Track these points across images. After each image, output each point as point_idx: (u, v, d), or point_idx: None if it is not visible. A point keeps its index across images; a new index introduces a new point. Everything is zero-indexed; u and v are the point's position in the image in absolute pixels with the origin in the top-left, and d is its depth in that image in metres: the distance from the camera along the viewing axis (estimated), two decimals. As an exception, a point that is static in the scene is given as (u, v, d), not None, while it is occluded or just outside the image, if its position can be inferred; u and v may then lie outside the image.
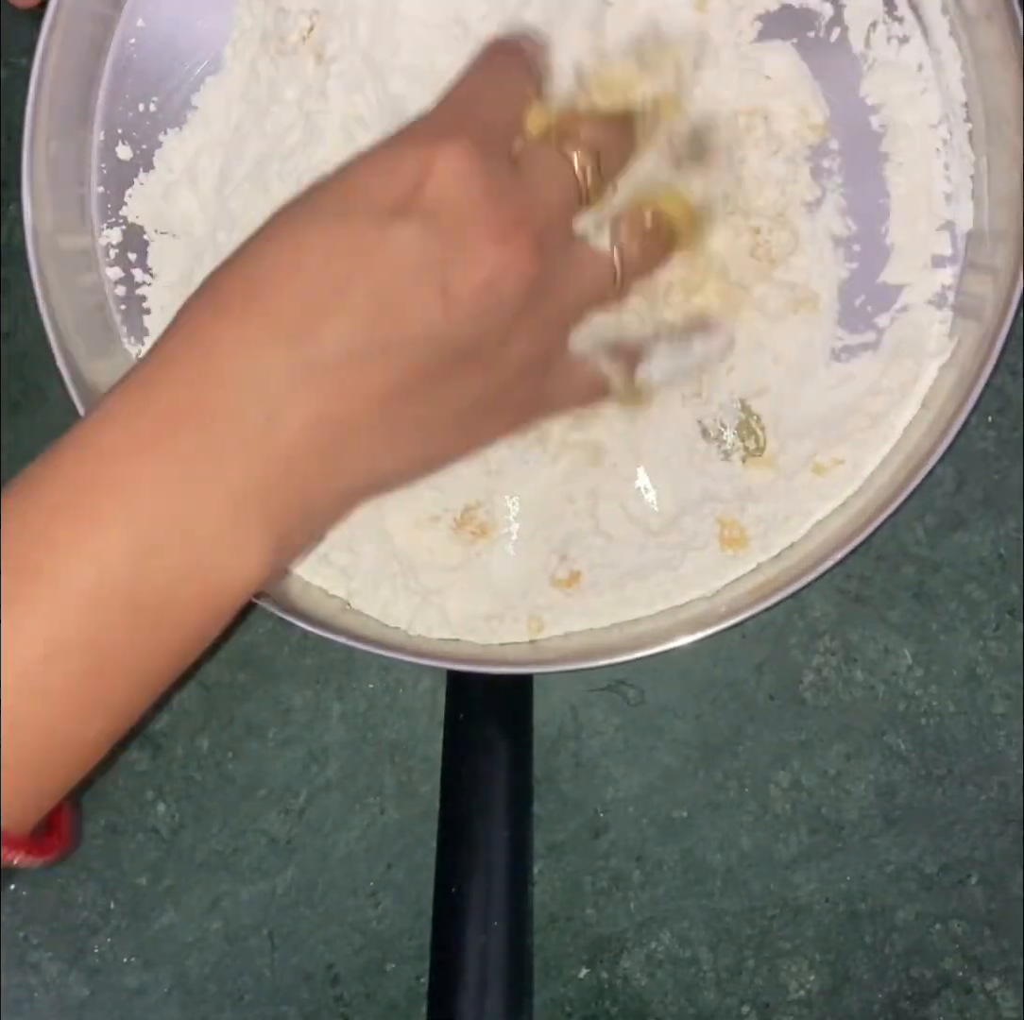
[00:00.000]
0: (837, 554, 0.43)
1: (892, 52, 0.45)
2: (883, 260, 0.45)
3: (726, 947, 0.50)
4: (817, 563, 0.43)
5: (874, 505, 0.44)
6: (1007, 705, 0.49)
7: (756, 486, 0.45)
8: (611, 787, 0.50)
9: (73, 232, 0.46)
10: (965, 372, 0.44)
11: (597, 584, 0.45)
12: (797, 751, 0.50)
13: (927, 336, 0.45)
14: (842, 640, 0.50)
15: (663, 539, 0.45)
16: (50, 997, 0.50)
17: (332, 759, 0.50)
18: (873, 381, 0.45)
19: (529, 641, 0.46)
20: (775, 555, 0.45)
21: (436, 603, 0.45)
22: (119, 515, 0.33)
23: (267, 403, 0.34)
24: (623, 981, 0.50)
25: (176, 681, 0.36)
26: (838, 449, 0.45)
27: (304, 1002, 0.50)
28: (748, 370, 0.45)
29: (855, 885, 0.49)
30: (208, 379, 0.34)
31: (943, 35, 0.45)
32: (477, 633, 0.46)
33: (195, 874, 0.50)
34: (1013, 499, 0.49)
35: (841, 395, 0.45)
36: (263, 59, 0.45)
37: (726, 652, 0.50)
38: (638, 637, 0.45)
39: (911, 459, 0.44)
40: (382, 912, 0.50)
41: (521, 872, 0.46)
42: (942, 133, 0.45)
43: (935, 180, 0.45)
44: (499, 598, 0.46)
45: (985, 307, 0.44)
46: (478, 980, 0.43)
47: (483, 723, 0.47)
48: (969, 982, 0.49)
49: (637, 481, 0.45)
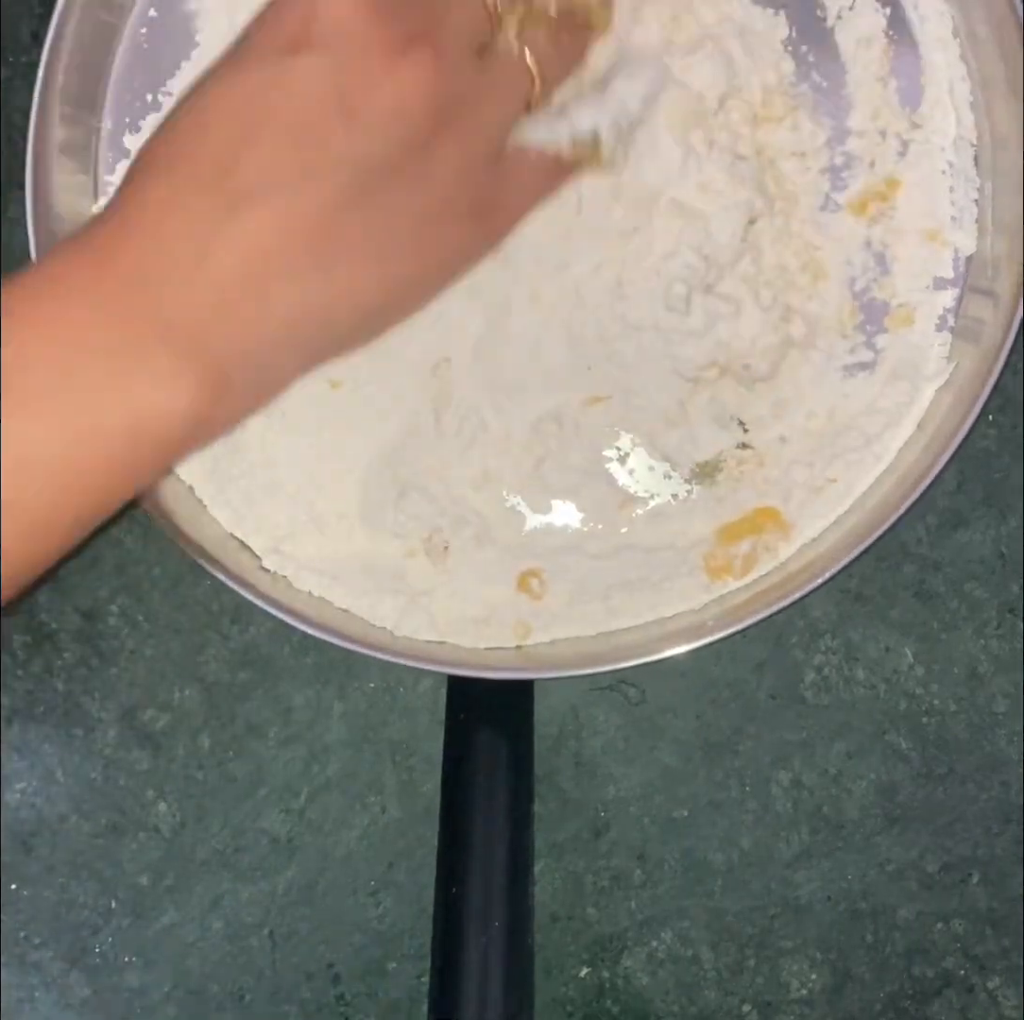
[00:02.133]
0: (825, 573, 0.43)
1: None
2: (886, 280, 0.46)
3: (727, 946, 0.50)
4: (805, 582, 0.43)
5: (865, 525, 0.44)
6: (1008, 704, 0.49)
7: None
8: (612, 786, 0.50)
9: (77, 221, 0.46)
10: (962, 395, 0.44)
11: (584, 593, 0.45)
12: (798, 750, 0.50)
13: (926, 358, 0.45)
14: (843, 639, 0.50)
15: (648, 561, 0.45)
16: (51, 997, 0.50)
17: (333, 758, 0.50)
18: (870, 401, 0.45)
19: (515, 647, 0.46)
20: (764, 574, 0.45)
21: (423, 605, 0.45)
22: (43, 350, 0.33)
23: (196, 240, 0.34)
24: (624, 980, 0.50)
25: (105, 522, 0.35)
26: (831, 468, 0.45)
27: (305, 1001, 0.50)
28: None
29: (856, 884, 0.49)
30: (140, 228, 0.35)
31: (954, 57, 0.45)
32: (464, 636, 0.46)
33: (196, 873, 0.50)
34: (1014, 498, 0.49)
35: (838, 414, 0.45)
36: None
37: (727, 652, 0.49)
38: (626, 647, 0.44)
39: (904, 480, 0.44)
40: (383, 911, 0.50)
41: (522, 872, 0.46)
42: (950, 155, 0.45)
43: (940, 203, 0.45)
44: (486, 602, 0.46)
45: (984, 331, 0.44)
46: (479, 981, 0.43)
47: (484, 723, 0.47)
48: (970, 981, 0.49)
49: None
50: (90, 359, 0.33)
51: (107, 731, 0.50)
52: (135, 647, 0.50)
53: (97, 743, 0.50)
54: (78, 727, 0.50)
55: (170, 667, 0.50)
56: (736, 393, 0.45)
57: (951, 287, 0.45)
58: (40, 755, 0.50)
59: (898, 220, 0.45)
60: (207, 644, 0.50)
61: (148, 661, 0.50)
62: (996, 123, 0.44)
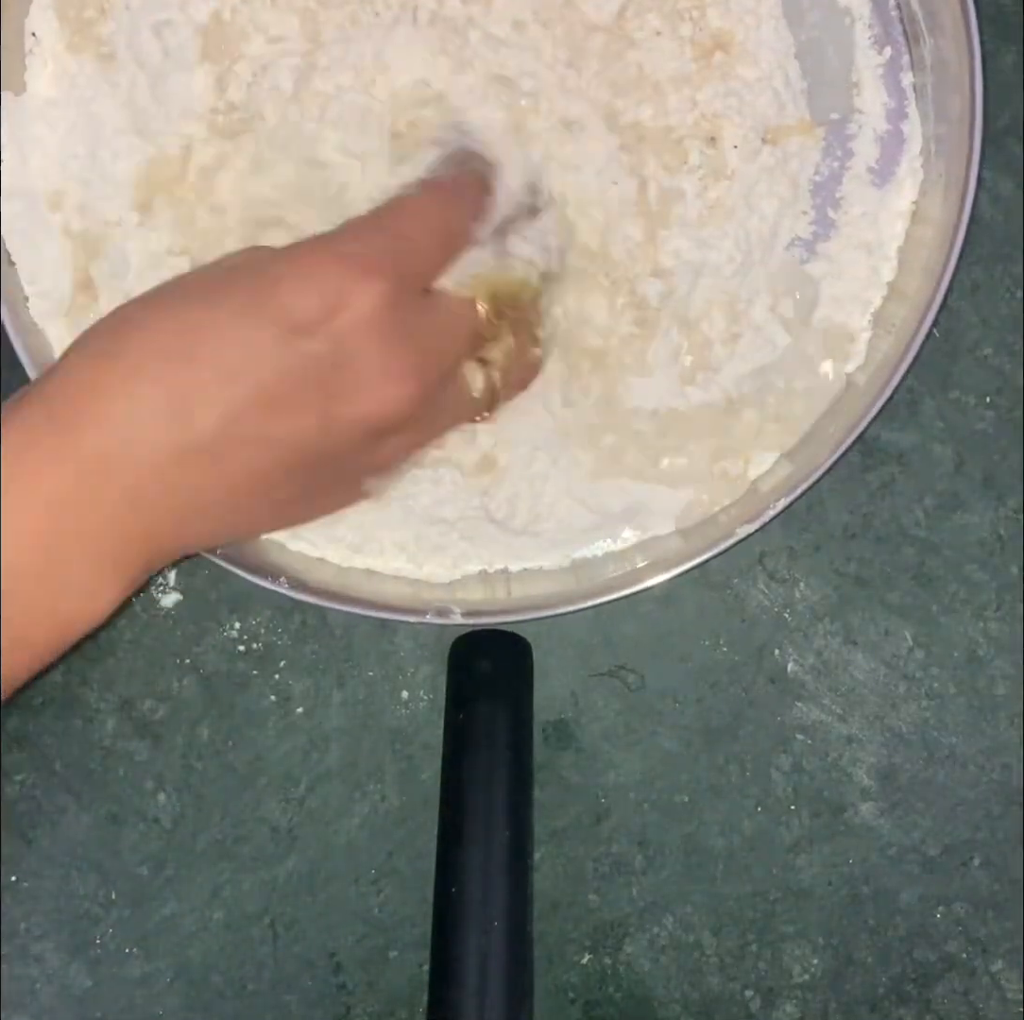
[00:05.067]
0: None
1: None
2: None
3: (729, 931, 0.50)
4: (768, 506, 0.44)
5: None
6: (1008, 686, 0.49)
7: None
8: (612, 772, 0.50)
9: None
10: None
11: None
12: (798, 734, 0.49)
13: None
14: (842, 623, 0.49)
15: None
16: (52, 988, 0.50)
17: (332, 747, 0.50)
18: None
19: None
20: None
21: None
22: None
23: (138, 472, 0.36)
24: (626, 966, 0.50)
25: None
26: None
27: (307, 990, 0.50)
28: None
29: (857, 868, 0.49)
30: (88, 439, 0.35)
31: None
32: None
33: (196, 863, 0.50)
34: (1012, 479, 0.49)
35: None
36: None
37: (726, 636, 0.49)
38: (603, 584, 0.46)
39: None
40: (384, 900, 0.50)
41: (522, 860, 0.46)
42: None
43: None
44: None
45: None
46: (478, 980, 0.43)
47: (483, 709, 0.47)
48: (973, 964, 0.49)
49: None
50: (23, 584, 0.35)
51: (106, 722, 0.50)
52: (133, 637, 0.50)
53: (96, 734, 0.50)
54: (77, 718, 0.50)
55: (168, 657, 0.50)
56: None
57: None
58: (39, 746, 0.50)
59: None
60: (205, 633, 0.50)
61: (146, 651, 0.50)
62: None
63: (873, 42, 0.47)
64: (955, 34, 0.43)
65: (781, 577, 0.50)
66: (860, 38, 0.47)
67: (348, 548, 0.46)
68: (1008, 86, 0.49)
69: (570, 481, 0.46)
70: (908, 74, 0.46)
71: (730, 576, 0.50)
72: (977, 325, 0.50)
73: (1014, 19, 0.49)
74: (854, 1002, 0.49)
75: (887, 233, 0.47)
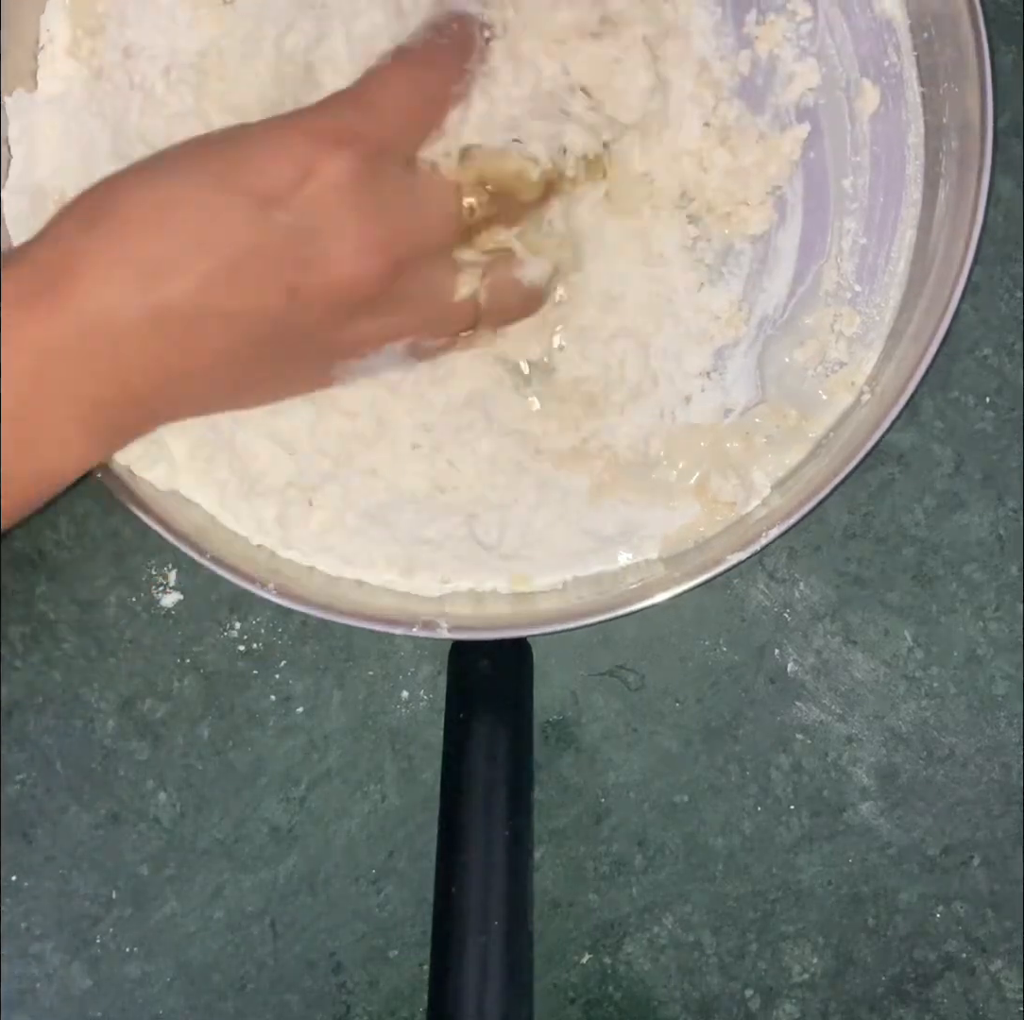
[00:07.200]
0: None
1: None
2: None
3: (729, 931, 0.50)
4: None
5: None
6: (1008, 686, 0.49)
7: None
8: (612, 772, 0.50)
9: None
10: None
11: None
12: (798, 734, 0.49)
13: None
14: (842, 622, 0.50)
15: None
16: (52, 988, 0.50)
17: (333, 747, 0.50)
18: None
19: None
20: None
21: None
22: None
23: (113, 335, 0.37)
24: (626, 966, 0.50)
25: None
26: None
27: (307, 990, 0.50)
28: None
29: (857, 868, 0.49)
30: (64, 305, 0.36)
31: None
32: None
33: (197, 863, 0.50)
34: (1012, 479, 0.49)
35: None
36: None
37: (726, 636, 0.49)
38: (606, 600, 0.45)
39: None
40: (384, 899, 0.50)
41: (523, 859, 0.46)
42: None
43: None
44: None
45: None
46: (478, 980, 0.43)
47: (483, 709, 0.47)
48: (972, 964, 0.49)
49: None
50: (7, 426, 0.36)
51: (106, 721, 0.50)
52: (133, 637, 0.50)
53: (96, 733, 0.50)
54: (77, 718, 0.50)
55: (168, 657, 0.50)
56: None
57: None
58: (40, 746, 0.50)
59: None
60: (205, 633, 0.50)
61: (146, 651, 0.50)
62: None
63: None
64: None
65: (781, 577, 0.50)
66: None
67: (339, 558, 0.46)
68: (1008, 86, 0.49)
69: (565, 509, 0.46)
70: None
71: (730, 576, 0.50)
72: (977, 325, 0.50)
73: (1014, 19, 0.49)
74: (854, 1002, 0.49)
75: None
